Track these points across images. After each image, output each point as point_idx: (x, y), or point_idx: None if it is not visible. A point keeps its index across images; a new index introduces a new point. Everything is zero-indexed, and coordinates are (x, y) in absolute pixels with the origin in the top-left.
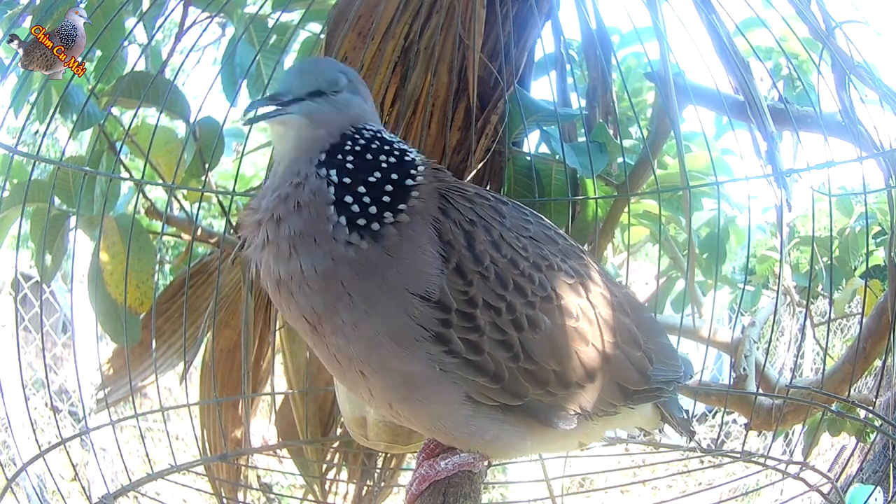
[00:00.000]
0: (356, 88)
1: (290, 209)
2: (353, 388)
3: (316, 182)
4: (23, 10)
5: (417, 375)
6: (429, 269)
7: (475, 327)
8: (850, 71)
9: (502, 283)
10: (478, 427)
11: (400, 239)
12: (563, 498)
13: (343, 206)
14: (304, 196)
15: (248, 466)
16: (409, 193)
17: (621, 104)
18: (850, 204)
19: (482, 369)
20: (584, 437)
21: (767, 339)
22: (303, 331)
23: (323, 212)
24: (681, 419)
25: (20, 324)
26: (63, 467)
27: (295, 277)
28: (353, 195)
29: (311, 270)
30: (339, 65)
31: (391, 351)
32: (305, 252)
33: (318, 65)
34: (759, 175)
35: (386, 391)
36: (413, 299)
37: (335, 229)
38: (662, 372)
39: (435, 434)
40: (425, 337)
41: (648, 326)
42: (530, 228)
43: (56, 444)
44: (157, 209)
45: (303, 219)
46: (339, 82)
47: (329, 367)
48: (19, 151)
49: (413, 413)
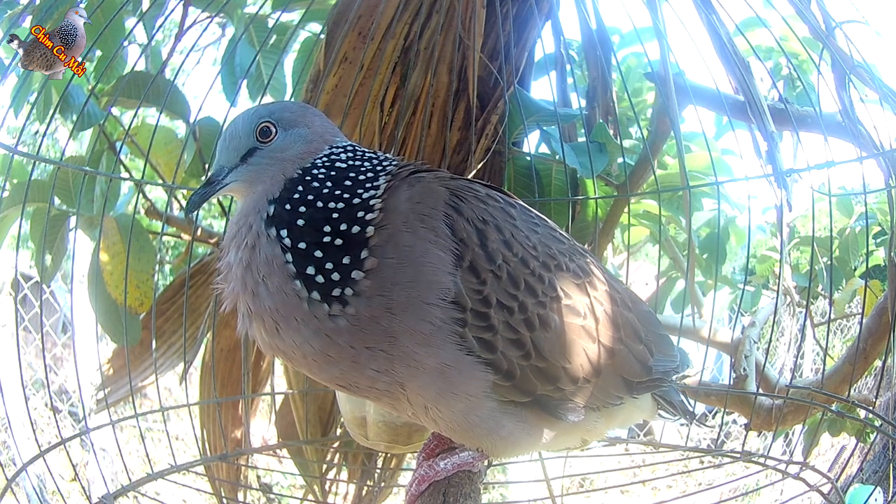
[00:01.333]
0: (293, 122)
1: (256, 280)
2: (394, 405)
3: (268, 246)
4: (23, 10)
5: (448, 366)
6: (440, 275)
7: (489, 326)
8: (850, 71)
9: (514, 283)
10: (496, 422)
11: (381, 276)
12: (563, 498)
13: (309, 280)
14: (262, 265)
15: (248, 466)
16: (367, 238)
17: (621, 104)
18: (850, 204)
19: (495, 367)
20: (589, 431)
21: (767, 340)
22: (346, 390)
23: (290, 288)
24: (679, 402)
25: (20, 324)
26: (63, 467)
27: (297, 353)
28: (314, 265)
29: (309, 347)
30: (263, 110)
31: (423, 353)
32: (292, 330)
33: (240, 124)
34: (759, 175)
35: (422, 390)
36: (431, 307)
37: (311, 307)
38: (662, 362)
39: (458, 432)
40: (448, 334)
41: (647, 319)
42: (538, 229)
43: (56, 444)
44: (157, 209)
45: (272, 295)
46: (267, 131)
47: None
48: (19, 151)
49: (447, 407)
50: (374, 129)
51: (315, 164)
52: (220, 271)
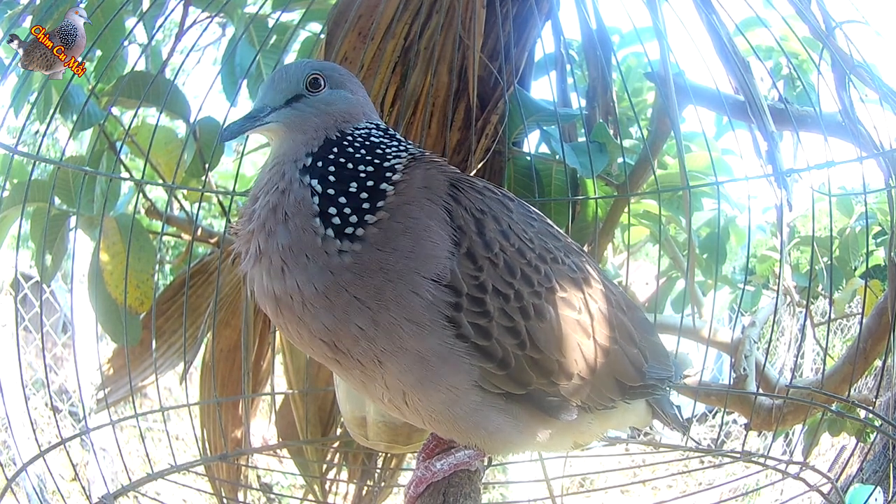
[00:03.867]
0: (340, 83)
1: (278, 220)
2: (364, 386)
3: (300, 191)
4: (23, 10)
5: (433, 353)
6: (438, 252)
7: (485, 312)
8: (850, 71)
9: (510, 271)
10: (482, 417)
11: (387, 233)
12: (563, 498)
13: (327, 217)
14: (290, 206)
15: (248, 466)
16: (386, 195)
17: (621, 104)
18: (850, 204)
19: (490, 355)
20: (582, 434)
21: (767, 339)
22: (322, 354)
23: (309, 224)
24: (672, 415)
25: (20, 324)
26: (63, 467)
27: (295, 297)
28: (335, 206)
29: (311, 288)
30: (316, 63)
31: (407, 332)
32: (299, 267)
33: (292, 69)
34: (759, 175)
35: (402, 375)
36: (425, 282)
37: (325, 242)
38: (656, 369)
39: (441, 424)
40: (438, 318)
41: (642, 325)
42: (534, 223)
43: (56, 444)
44: (157, 209)
45: (290, 232)
46: (317, 82)
47: (351, 381)
48: (19, 151)
49: (426, 397)
50: None
51: (353, 134)
52: (243, 214)
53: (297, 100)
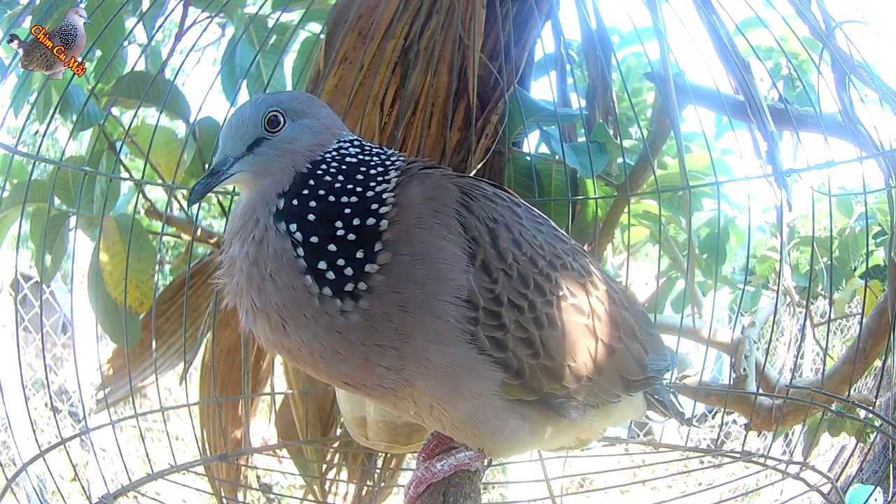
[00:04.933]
0: (300, 113)
1: (262, 275)
2: (395, 406)
3: (277, 240)
4: (23, 10)
5: (459, 364)
6: (455, 273)
7: (500, 325)
8: (850, 71)
9: (524, 282)
10: (502, 421)
11: (394, 272)
12: (562, 498)
13: (320, 275)
14: (270, 259)
15: (248, 466)
16: (380, 231)
17: (621, 104)
18: (850, 204)
19: (506, 366)
20: (585, 430)
21: (767, 340)
22: (350, 388)
23: (300, 283)
24: (669, 401)
25: (20, 324)
26: (63, 467)
27: (304, 350)
28: (326, 260)
29: (318, 345)
30: (271, 99)
31: (434, 353)
32: (301, 327)
33: (247, 112)
34: (759, 175)
35: (431, 390)
36: (445, 304)
37: (322, 302)
38: (656, 361)
39: (462, 431)
40: (461, 335)
41: (642, 318)
42: (543, 228)
43: (56, 444)
44: (157, 209)
45: (279, 291)
46: (276, 121)
47: (382, 404)
48: (19, 151)
49: (453, 407)
50: (374, 129)
51: (325, 159)
52: (222, 265)
53: (259, 144)
